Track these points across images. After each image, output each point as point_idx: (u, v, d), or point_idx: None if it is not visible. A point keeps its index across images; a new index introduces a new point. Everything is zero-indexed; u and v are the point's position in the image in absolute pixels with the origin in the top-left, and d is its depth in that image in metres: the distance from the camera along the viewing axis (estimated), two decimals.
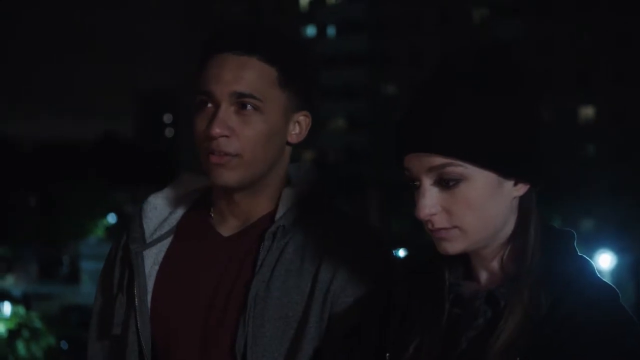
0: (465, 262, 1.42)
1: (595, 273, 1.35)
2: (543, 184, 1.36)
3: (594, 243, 26.13)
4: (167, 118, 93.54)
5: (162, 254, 1.68)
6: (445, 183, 1.32)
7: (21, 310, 22.97)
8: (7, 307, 23.57)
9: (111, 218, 49.96)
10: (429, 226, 1.35)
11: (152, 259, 1.66)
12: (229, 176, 1.58)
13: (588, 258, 1.37)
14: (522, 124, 1.32)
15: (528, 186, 1.35)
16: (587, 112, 44.91)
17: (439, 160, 1.30)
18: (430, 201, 1.32)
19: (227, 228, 1.67)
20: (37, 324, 20.99)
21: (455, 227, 1.33)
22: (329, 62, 53.09)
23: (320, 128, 53.44)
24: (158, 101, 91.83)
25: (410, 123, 1.34)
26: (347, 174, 41.19)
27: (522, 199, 1.36)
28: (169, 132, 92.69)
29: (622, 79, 43.11)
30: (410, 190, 1.36)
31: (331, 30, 55.18)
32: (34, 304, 29.79)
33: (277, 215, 1.62)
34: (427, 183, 1.33)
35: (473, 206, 1.32)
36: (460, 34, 46.76)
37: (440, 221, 1.33)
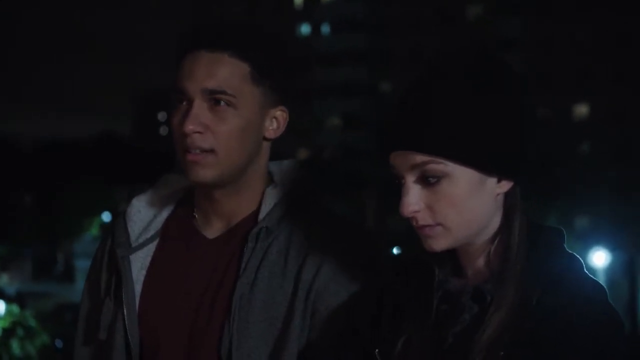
0: (453, 258, 1.43)
1: (583, 270, 1.36)
2: (528, 181, 1.37)
3: (589, 240, 26.20)
4: (162, 116, 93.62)
5: (149, 258, 1.67)
6: (428, 180, 1.33)
7: (15, 308, 22.92)
8: (1, 306, 23.51)
9: (106, 216, 49.95)
10: (414, 223, 1.36)
11: (139, 264, 1.66)
12: (205, 173, 1.58)
13: (577, 255, 1.37)
14: (503, 122, 1.33)
15: (512, 183, 1.36)
16: (585, 110, 45.02)
17: (420, 158, 1.32)
18: (413, 198, 1.34)
19: (212, 230, 1.66)
20: (32, 322, 20.95)
21: (438, 224, 1.35)
22: (325, 60, 53.14)
23: (317, 126, 53.46)
24: (158, 101, 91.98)
25: (392, 121, 1.36)
26: (344, 172, 41.20)
27: (507, 196, 1.37)
28: (163, 130, 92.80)
29: (621, 79, 43.22)
30: (398, 188, 1.37)
31: (326, 28, 55.20)
32: (28, 303, 29.75)
33: (260, 216, 1.62)
34: (410, 180, 1.35)
35: (455, 203, 1.33)
36: (459, 32, 46.83)
37: (423, 218, 1.35)
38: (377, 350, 1.44)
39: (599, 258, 23.30)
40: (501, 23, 46.17)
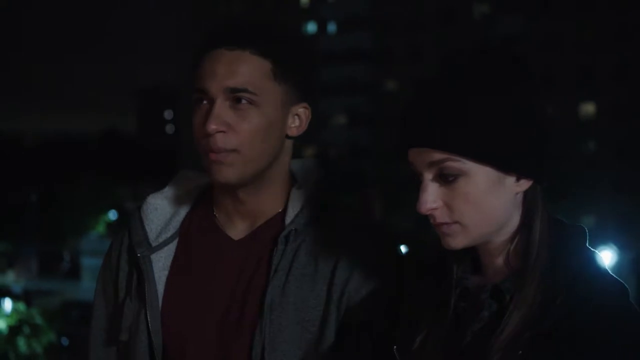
0: (473, 255, 1.42)
1: (603, 269, 1.35)
2: (547, 180, 1.36)
3: (595, 239, 26.16)
4: (168, 114, 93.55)
5: (171, 258, 1.65)
6: (445, 178, 1.33)
7: (22, 306, 23.00)
8: (7, 304, 23.59)
9: (112, 214, 49.98)
10: (432, 220, 1.36)
11: (160, 264, 1.63)
12: (229, 173, 1.55)
13: (599, 254, 1.36)
14: (521, 120, 1.32)
15: (531, 182, 1.35)
16: (589, 108, 44.92)
17: (437, 155, 1.32)
18: (431, 196, 1.33)
19: (236, 230, 1.64)
20: (38, 320, 21.03)
21: (456, 222, 1.34)
22: (330, 58, 53.12)
23: (322, 124, 53.44)
24: (160, 98, 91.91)
25: (410, 118, 1.35)
26: (349, 170, 41.20)
27: (527, 195, 1.36)
28: (169, 129, 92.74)
29: (624, 76, 43.11)
30: (416, 184, 1.36)
31: (332, 27, 55.19)
32: (34, 300, 29.84)
33: (288, 218, 1.60)
34: (428, 178, 1.34)
35: (472, 202, 1.32)
36: (462, 31, 46.78)
37: (441, 216, 1.34)
38: (395, 347, 1.43)
39: (605, 257, 23.32)
40: (503, 20, 46.09)
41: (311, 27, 55.46)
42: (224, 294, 1.60)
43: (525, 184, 1.35)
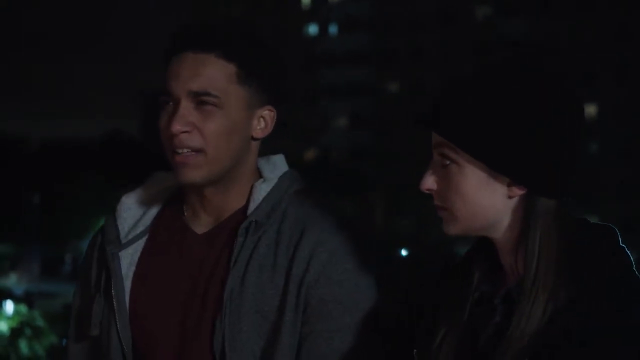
0: (496, 260, 1.43)
1: (629, 270, 1.34)
2: (546, 193, 1.35)
3: None
4: None
5: (138, 254, 1.69)
6: (443, 162, 1.38)
7: (23, 308, 23.03)
8: (9, 306, 23.61)
9: None
10: (434, 201, 1.41)
11: (128, 260, 1.68)
12: (194, 174, 1.60)
13: (627, 255, 1.35)
14: (523, 128, 1.33)
15: (524, 190, 1.35)
16: (590, 110, 44.96)
17: (439, 138, 1.39)
18: (431, 177, 1.40)
19: (201, 225, 1.68)
20: (40, 322, 21.04)
21: (446, 208, 1.38)
22: (332, 60, 53.20)
23: (324, 127, 53.47)
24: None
25: (432, 103, 1.42)
26: (351, 173, 41.21)
27: (525, 204, 1.36)
28: None
29: (624, 76, 43.14)
30: None
31: (333, 28, 55.27)
32: (36, 303, 29.86)
33: (249, 210, 1.64)
34: (434, 160, 1.40)
35: (460, 192, 1.37)
36: (463, 33, 46.82)
37: (437, 198, 1.41)
38: (415, 350, 1.46)
39: None
40: (504, 22, 46.12)
41: (312, 29, 55.52)
42: (188, 287, 1.64)
43: (517, 191, 1.35)
